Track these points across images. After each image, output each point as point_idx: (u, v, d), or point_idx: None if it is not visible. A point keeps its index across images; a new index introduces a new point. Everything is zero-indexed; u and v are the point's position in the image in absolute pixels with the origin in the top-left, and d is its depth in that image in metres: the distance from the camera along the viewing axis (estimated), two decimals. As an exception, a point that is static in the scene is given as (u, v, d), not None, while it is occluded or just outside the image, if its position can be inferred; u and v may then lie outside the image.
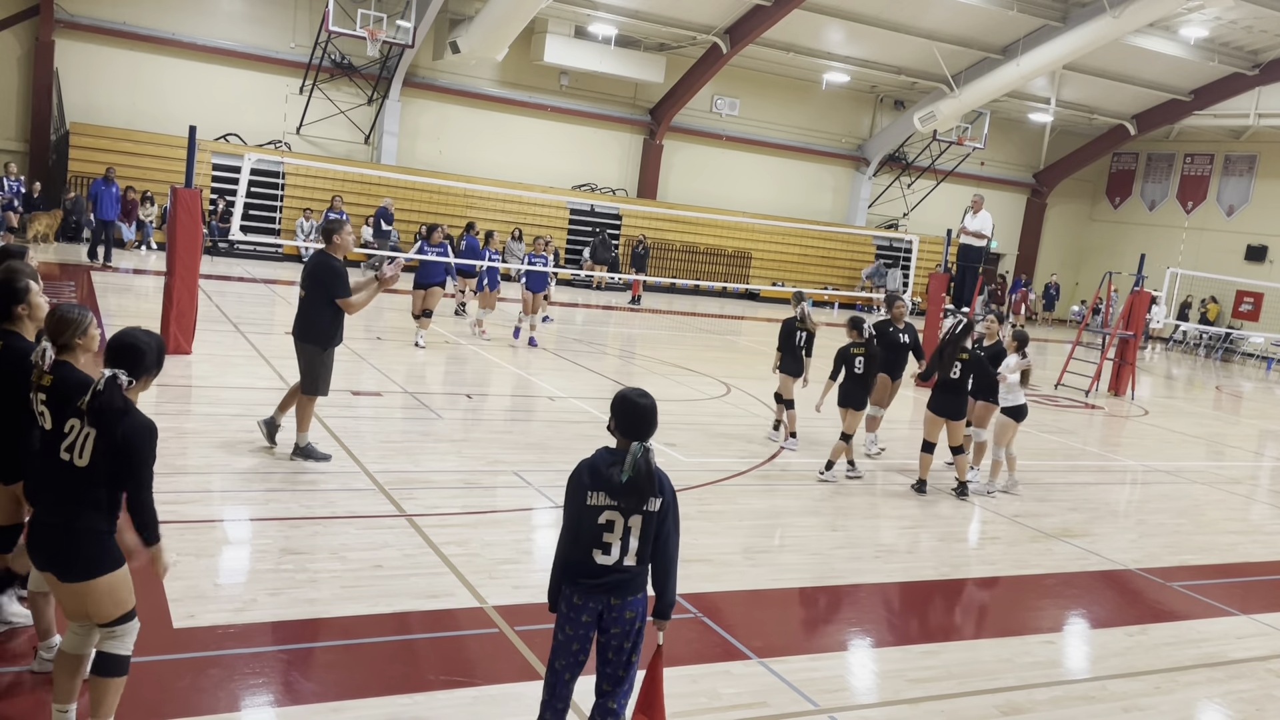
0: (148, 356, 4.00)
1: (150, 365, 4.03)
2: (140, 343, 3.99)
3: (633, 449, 3.84)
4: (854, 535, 8.01)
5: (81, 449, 3.86)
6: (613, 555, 3.86)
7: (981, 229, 16.64)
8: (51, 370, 4.10)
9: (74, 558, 3.86)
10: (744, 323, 24.90)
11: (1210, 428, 16.24)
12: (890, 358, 10.62)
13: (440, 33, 26.04)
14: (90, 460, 3.85)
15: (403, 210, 26.33)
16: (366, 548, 6.43)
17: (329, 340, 8.08)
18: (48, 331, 4.22)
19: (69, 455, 3.88)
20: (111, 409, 3.81)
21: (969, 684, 5.56)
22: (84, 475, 3.86)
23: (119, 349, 3.96)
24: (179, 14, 24.34)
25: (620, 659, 3.97)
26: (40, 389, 4.11)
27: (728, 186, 31.43)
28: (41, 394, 4.10)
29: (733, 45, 26.83)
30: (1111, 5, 24.32)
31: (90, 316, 4.28)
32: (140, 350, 3.97)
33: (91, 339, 4.28)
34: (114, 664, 3.96)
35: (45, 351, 4.11)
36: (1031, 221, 37.09)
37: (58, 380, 4.06)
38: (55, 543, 3.88)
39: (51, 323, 4.23)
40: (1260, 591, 7.90)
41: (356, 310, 8.11)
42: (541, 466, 8.81)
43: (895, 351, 10.81)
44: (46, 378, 4.09)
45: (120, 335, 4.01)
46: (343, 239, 8.07)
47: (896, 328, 11.00)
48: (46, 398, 4.06)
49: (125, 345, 3.97)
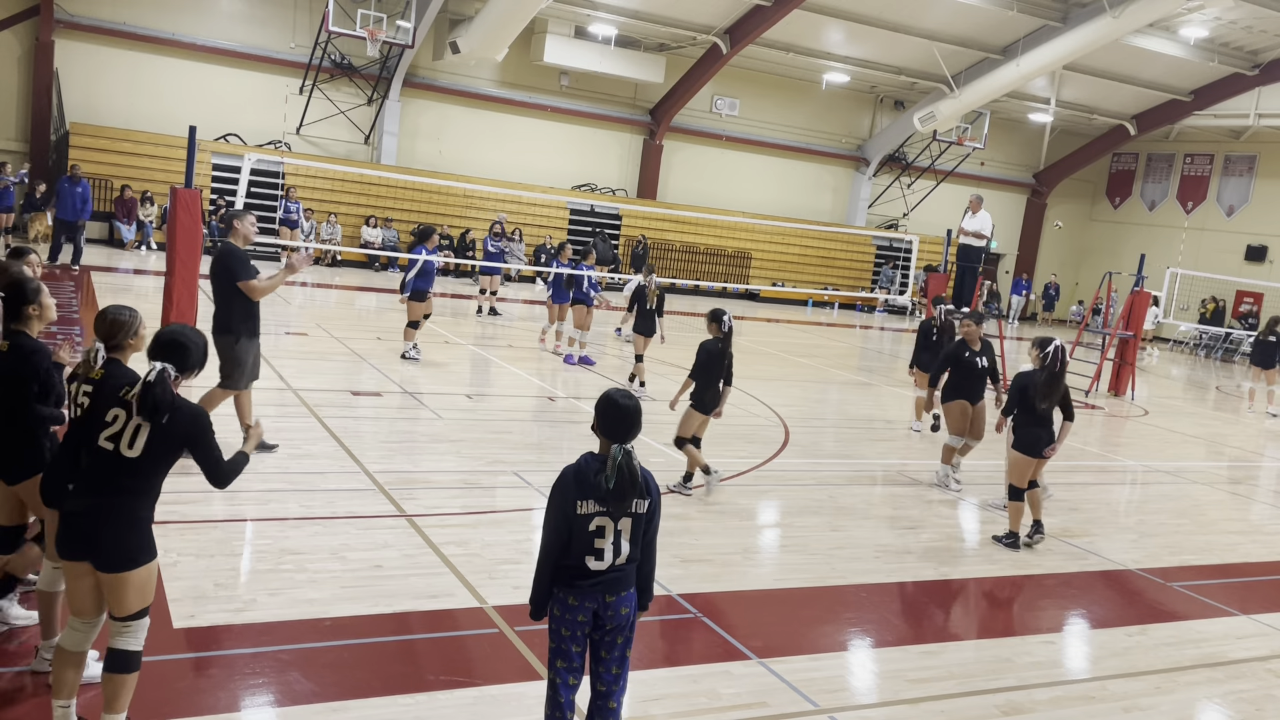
0: (192, 354, 4.14)
1: (194, 364, 4.16)
2: (188, 340, 4.14)
3: (612, 452, 3.85)
4: (854, 535, 8.01)
5: (132, 440, 3.91)
6: (605, 560, 3.88)
7: (981, 229, 16.63)
8: (103, 366, 4.25)
9: (117, 546, 3.89)
10: (744, 323, 24.90)
11: (1210, 428, 16.24)
12: (966, 384, 9.66)
13: (440, 33, 26.04)
14: (144, 451, 3.91)
15: (402, 210, 26.35)
16: (366, 548, 6.43)
17: (243, 330, 7.93)
18: (101, 334, 4.33)
19: (112, 444, 3.92)
20: (164, 401, 3.91)
21: (969, 684, 5.56)
22: (133, 465, 3.92)
23: (167, 344, 4.09)
24: (179, 14, 24.34)
25: (614, 655, 3.99)
26: (88, 380, 4.22)
27: (728, 186, 31.43)
28: (87, 385, 4.21)
29: (733, 45, 26.83)
30: (1111, 5, 24.32)
31: (140, 318, 4.43)
32: (186, 347, 4.12)
33: (141, 339, 4.43)
34: (127, 660, 3.98)
35: (99, 352, 4.25)
36: (1031, 222, 37.09)
37: (108, 375, 4.19)
38: (97, 531, 3.89)
39: (105, 325, 4.34)
40: (1260, 591, 7.90)
41: (261, 294, 7.93)
42: (541, 466, 8.80)
43: (972, 378, 9.67)
44: (97, 372, 4.22)
45: (169, 330, 4.16)
46: (243, 226, 7.99)
47: (972, 350, 9.72)
48: (92, 389, 4.17)
49: (174, 341, 4.11)
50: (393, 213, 26.10)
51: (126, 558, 3.90)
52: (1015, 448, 8.02)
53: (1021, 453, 7.96)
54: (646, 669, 5.20)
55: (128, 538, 3.91)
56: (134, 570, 3.91)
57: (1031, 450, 7.92)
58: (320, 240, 25.13)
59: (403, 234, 25.89)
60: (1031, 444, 7.91)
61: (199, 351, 4.18)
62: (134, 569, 3.91)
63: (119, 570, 3.90)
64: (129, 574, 3.91)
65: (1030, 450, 7.92)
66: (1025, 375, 8.04)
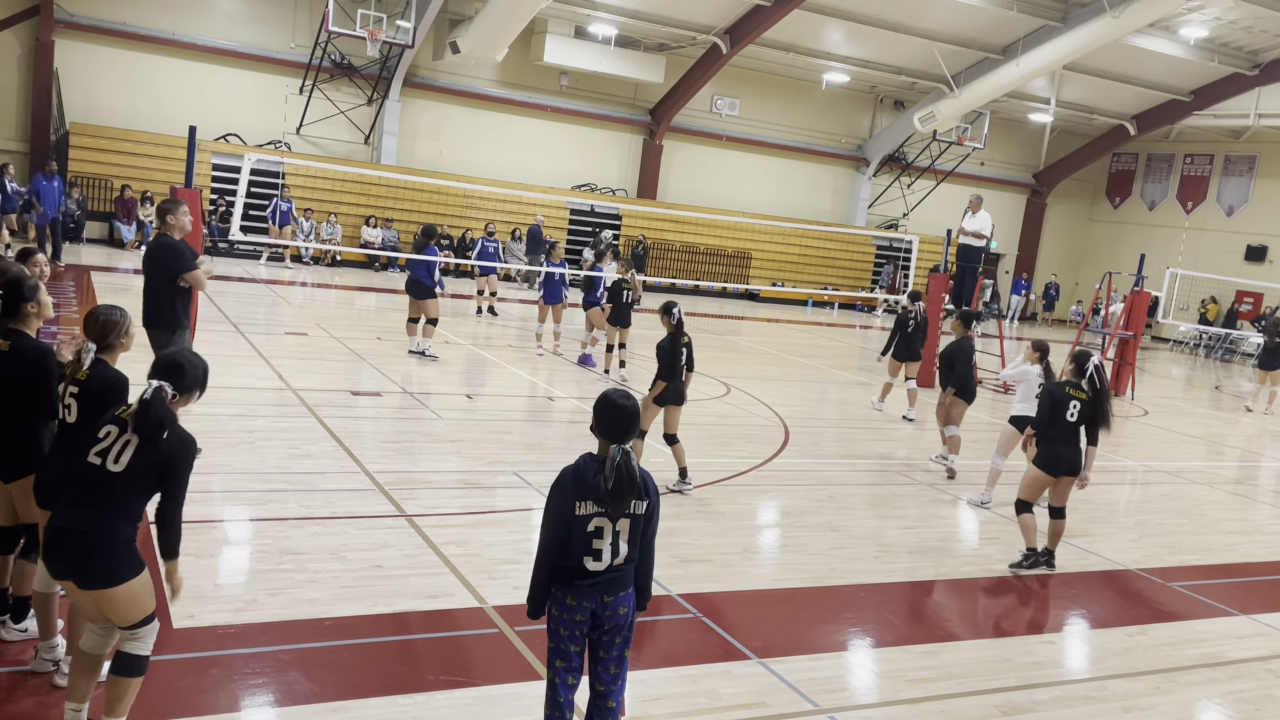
0: (189, 376, 4.12)
1: (191, 385, 4.14)
2: (187, 362, 4.14)
3: (611, 452, 3.85)
4: (854, 535, 8.01)
5: (119, 455, 3.89)
6: (604, 560, 3.88)
7: (980, 229, 16.63)
8: (90, 367, 4.27)
9: (97, 566, 3.87)
10: (744, 323, 24.90)
11: (1210, 428, 16.24)
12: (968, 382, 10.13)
13: (440, 33, 26.04)
14: (128, 467, 3.89)
15: (402, 210, 26.35)
16: (366, 548, 6.43)
17: (176, 323, 7.75)
18: (91, 334, 4.35)
19: (100, 459, 3.90)
20: (158, 419, 3.90)
21: (969, 684, 5.56)
22: (118, 481, 3.89)
23: (168, 365, 4.10)
24: (179, 14, 24.34)
25: (612, 654, 3.99)
26: (74, 381, 4.24)
27: (728, 186, 31.42)
28: (73, 386, 4.23)
29: (733, 45, 26.83)
30: (1111, 5, 24.32)
31: (130, 318, 4.47)
32: (184, 369, 4.11)
33: (131, 338, 4.48)
34: (133, 664, 3.99)
35: (90, 352, 4.26)
36: (1031, 221, 37.09)
37: (93, 376, 4.21)
38: (77, 551, 3.88)
39: (95, 326, 4.37)
40: (1260, 591, 7.90)
41: (200, 286, 7.87)
42: (541, 466, 8.80)
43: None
44: (83, 372, 4.23)
45: (170, 353, 4.20)
46: (177, 219, 7.85)
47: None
48: (78, 390, 4.19)
49: (174, 362, 4.12)
50: (393, 213, 26.10)
51: (107, 576, 3.87)
52: (1036, 463, 7.50)
53: (1041, 469, 7.45)
54: (646, 669, 5.20)
55: (107, 557, 3.88)
56: (117, 587, 3.88)
57: (1051, 469, 7.42)
58: (320, 240, 25.14)
59: (403, 234, 25.90)
60: (1053, 462, 7.42)
61: (197, 375, 4.16)
62: (116, 586, 3.88)
63: (100, 588, 3.88)
64: (113, 591, 3.88)
65: (1050, 469, 7.42)
66: (1058, 387, 7.49)
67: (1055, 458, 7.39)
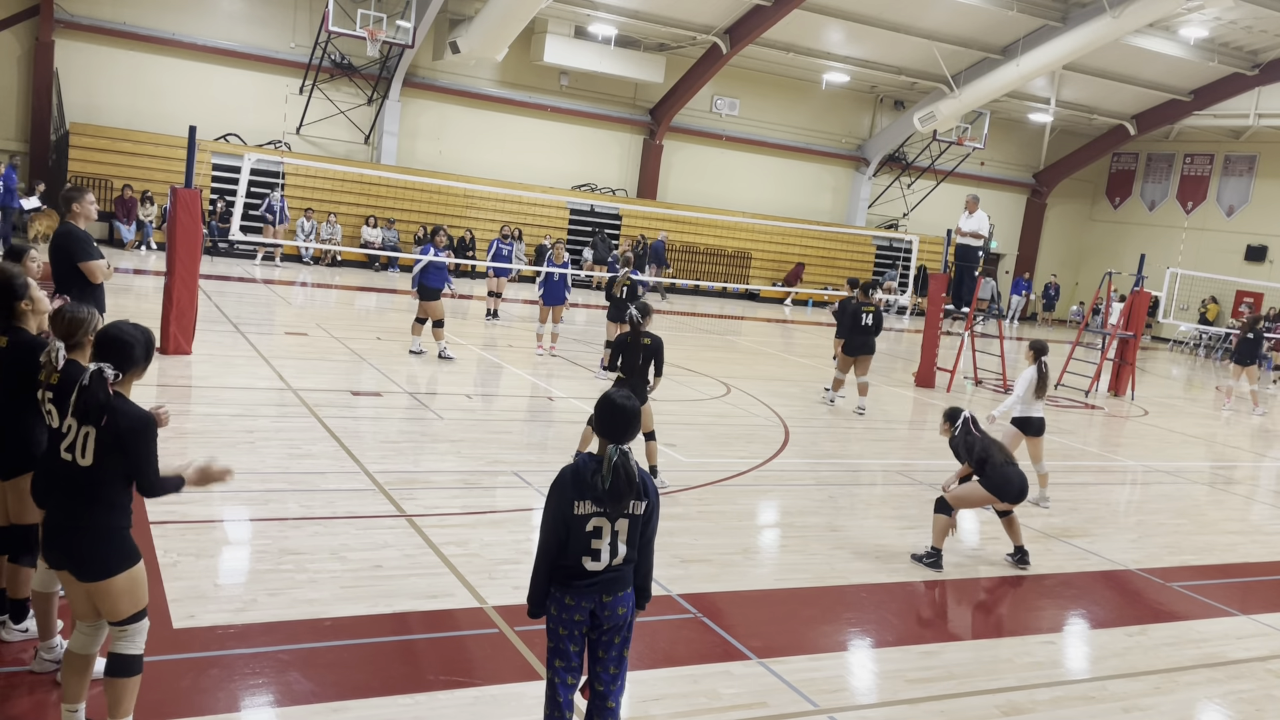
0: (135, 349, 3.97)
1: (138, 359, 4.00)
2: (127, 336, 3.96)
3: (608, 452, 3.84)
4: (854, 535, 8.01)
5: (83, 449, 3.85)
6: (602, 560, 3.87)
7: (978, 229, 16.63)
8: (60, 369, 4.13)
9: (91, 557, 3.87)
10: (744, 323, 24.90)
11: (1210, 428, 16.24)
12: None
13: (440, 33, 26.04)
14: (94, 459, 3.84)
15: (402, 210, 26.35)
16: (366, 548, 6.43)
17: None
18: (59, 333, 4.23)
19: (70, 455, 3.87)
20: (96, 403, 3.79)
21: (969, 684, 5.56)
22: (89, 475, 3.85)
23: (105, 343, 3.95)
24: (179, 14, 24.34)
25: (611, 654, 3.99)
26: (49, 387, 4.11)
27: (728, 186, 31.42)
28: (49, 392, 4.10)
29: (733, 45, 26.82)
30: (1111, 5, 24.32)
31: (97, 314, 4.33)
32: (127, 344, 3.94)
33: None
34: (127, 664, 3.97)
35: (59, 351, 4.12)
36: (1031, 221, 37.09)
37: (64, 378, 4.07)
38: (70, 542, 3.88)
39: (62, 324, 4.24)
40: (1260, 591, 7.90)
41: (103, 277, 7.78)
42: (541, 466, 8.80)
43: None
44: (55, 376, 4.10)
45: (107, 329, 4.01)
46: (82, 207, 7.80)
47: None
48: (54, 395, 4.07)
49: (111, 339, 3.95)
50: (393, 213, 26.10)
51: (102, 567, 3.87)
52: (984, 485, 7.32)
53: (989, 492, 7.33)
54: (646, 669, 5.20)
55: (100, 548, 3.87)
56: (112, 579, 3.88)
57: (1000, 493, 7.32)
58: (320, 240, 25.13)
59: (404, 234, 25.90)
60: (1001, 486, 7.30)
61: (140, 347, 4.00)
62: (111, 577, 3.88)
63: (96, 579, 3.88)
64: (108, 582, 3.88)
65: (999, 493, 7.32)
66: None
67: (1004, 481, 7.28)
